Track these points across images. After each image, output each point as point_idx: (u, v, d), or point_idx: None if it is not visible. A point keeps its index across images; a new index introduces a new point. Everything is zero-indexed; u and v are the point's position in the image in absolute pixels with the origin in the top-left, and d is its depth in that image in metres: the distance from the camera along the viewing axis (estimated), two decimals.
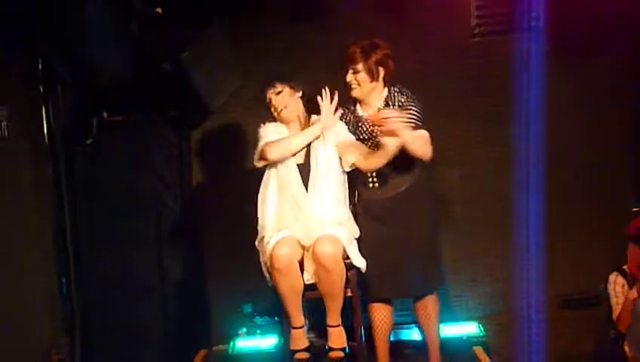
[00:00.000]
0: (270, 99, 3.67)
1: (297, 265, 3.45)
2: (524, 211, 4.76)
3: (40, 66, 4.03)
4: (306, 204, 3.52)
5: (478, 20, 4.68)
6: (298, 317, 3.53)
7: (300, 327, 3.54)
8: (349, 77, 3.61)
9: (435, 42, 4.57)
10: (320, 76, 3.84)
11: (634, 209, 4.51)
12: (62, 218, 4.21)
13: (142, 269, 4.59)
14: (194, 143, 4.87)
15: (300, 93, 3.70)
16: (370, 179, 3.65)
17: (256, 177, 3.75)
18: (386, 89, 3.66)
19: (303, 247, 3.48)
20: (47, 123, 4.11)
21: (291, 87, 3.68)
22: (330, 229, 3.45)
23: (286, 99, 3.65)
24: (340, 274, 3.42)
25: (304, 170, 3.59)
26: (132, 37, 4.16)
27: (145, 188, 4.65)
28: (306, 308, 3.60)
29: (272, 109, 3.68)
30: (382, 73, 3.60)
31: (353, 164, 3.62)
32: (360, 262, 3.53)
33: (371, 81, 3.59)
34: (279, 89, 3.66)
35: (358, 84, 3.60)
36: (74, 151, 4.37)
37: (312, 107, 3.68)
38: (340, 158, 3.63)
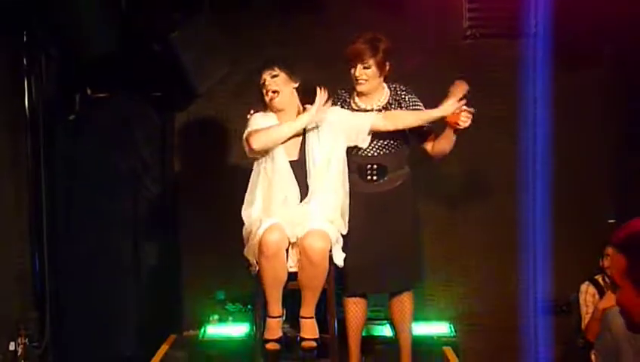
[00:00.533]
0: (264, 80, 3.47)
1: (284, 253, 3.41)
2: (503, 215, 4.79)
3: (25, 38, 3.97)
4: (296, 204, 3.45)
5: (470, 22, 4.67)
6: (276, 307, 3.50)
7: (277, 317, 3.51)
8: (359, 72, 3.57)
9: (427, 43, 4.56)
10: (310, 66, 3.82)
11: (610, 221, 4.57)
12: (39, 194, 4.17)
13: (117, 250, 4.56)
14: (177, 126, 4.82)
15: (297, 85, 3.54)
16: (369, 172, 3.64)
17: (235, 165, 3.73)
18: (385, 85, 3.69)
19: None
20: (28, 96, 4.05)
21: (289, 75, 3.50)
22: (321, 224, 3.40)
23: (281, 84, 3.48)
24: (324, 268, 3.40)
25: (298, 165, 3.49)
26: (121, 14, 4.11)
27: (125, 168, 4.61)
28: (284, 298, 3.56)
29: (264, 92, 3.49)
30: (388, 67, 3.61)
31: (371, 131, 3.55)
32: (339, 259, 3.51)
33: (380, 75, 3.61)
34: (276, 72, 3.47)
35: (367, 79, 3.59)
36: (55, 127, 4.32)
37: (305, 100, 3.57)
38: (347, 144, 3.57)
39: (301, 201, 3.48)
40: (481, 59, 4.66)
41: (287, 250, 3.45)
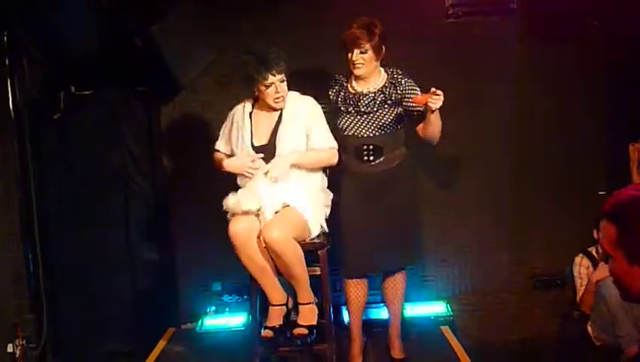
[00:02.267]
0: (272, 83, 3.46)
1: (255, 240, 3.38)
2: (496, 193, 4.80)
3: (5, 39, 3.94)
4: (264, 186, 3.46)
5: (452, 1, 4.65)
6: (273, 294, 3.50)
7: (278, 305, 3.50)
8: (356, 56, 3.61)
9: (409, 22, 4.53)
10: (295, 54, 3.78)
11: (600, 192, 4.58)
12: (29, 194, 4.16)
13: (111, 246, 4.56)
14: (164, 119, 4.79)
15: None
16: (366, 152, 3.66)
17: None
18: (382, 69, 3.73)
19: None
20: (12, 97, 4.03)
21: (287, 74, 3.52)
22: (279, 207, 3.40)
23: (285, 87, 3.53)
24: (292, 255, 3.36)
25: (268, 149, 3.51)
26: (101, 9, 4.07)
27: (114, 164, 4.60)
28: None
29: (274, 91, 3.47)
30: (383, 51, 3.65)
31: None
32: (314, 228, 3.48)
33: (376, 60, 3.66)
34: (284, 77, 3.48)
35: (364, 63, 3.62)
36: (41, 126, 4.30)
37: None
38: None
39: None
40: (463, 37, 4.65)
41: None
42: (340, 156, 3.65)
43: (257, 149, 3.53)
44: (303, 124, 3.56)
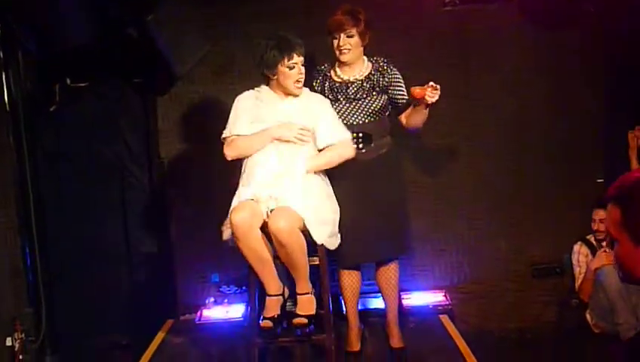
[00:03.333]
0: (294, 65, 3.44)
1: (258, 231, 3.36)
2: (494, 182, 4.80)
3: (0, 33, 3.92)
4: (275, 175, 3.43)
5: None
6: (271, 285, 3.50)
7: (275, 295, 3.50)
8: (343, 41, 3.62)
9: (406, 11, 4.52)
10: None
11: (598, 180, 4.59)
12: (25, 187, 4.14)
13: (108, 239, 4.56)
14: (160, 110, 4.77)
15: None
16: (355, 140, 3.65)
17: (222, 145, 3.67)
18: (366, 57, 3.73)
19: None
20: (7, 90, 4.02)
21: None
22: (291, 202, 3.35)
23: (304, 71, 3.51)
24: (295, 246, 3.35)
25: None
26: (95, 1, 4.05)
27: (110, 157, 4.59)
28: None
29: (296, 74, 3.45)
30: (368, 37, 3.66)
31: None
32: (328, 242, 3.49)
33: (362, 45, 3.67)
34: (302, 60, 3.48)
35: (350, 48, 3.63)
36: (37, 119, 4.28)
37: None
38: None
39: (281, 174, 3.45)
40: (460, 25, 4.63)
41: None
42: None
43: None
44: (311, 118, 3.52)
